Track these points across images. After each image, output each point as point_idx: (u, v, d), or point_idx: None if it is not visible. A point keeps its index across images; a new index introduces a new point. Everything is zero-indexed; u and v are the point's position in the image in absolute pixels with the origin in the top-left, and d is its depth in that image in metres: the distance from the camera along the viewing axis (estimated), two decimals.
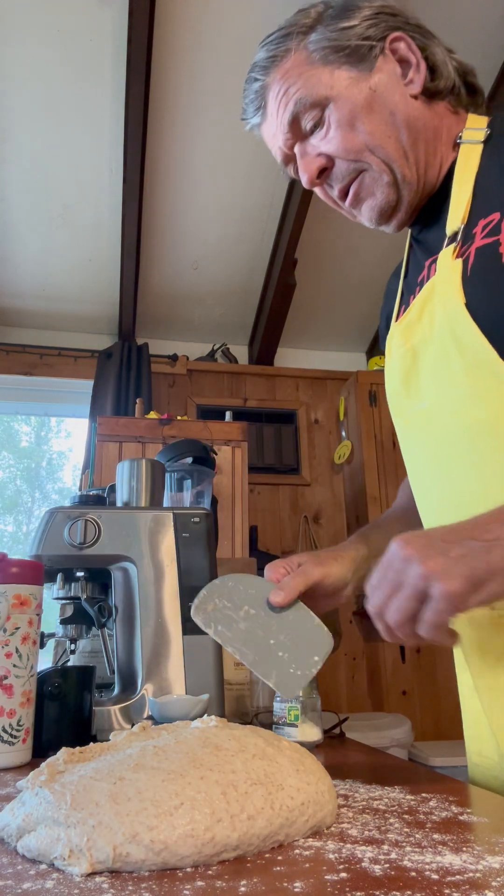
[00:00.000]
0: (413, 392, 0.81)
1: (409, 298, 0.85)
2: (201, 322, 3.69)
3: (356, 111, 0.78)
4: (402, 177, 0.80)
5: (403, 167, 0.79)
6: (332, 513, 3.60)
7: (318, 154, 0.81)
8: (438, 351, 0.75)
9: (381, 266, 3.54)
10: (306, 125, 0.81)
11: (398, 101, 0.79)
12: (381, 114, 0.78)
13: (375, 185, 0.81)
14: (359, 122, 0.78)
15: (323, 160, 0.81)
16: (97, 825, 0.45)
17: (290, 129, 0.82)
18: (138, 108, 2.64)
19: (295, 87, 0.80)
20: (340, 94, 0.79)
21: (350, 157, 0.80)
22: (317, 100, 0.80)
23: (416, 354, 0.79)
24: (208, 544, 1.15)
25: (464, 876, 0.42)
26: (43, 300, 3.46)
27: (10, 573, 0.87)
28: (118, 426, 2.58)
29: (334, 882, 0.41)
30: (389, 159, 0.79)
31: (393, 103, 0.79)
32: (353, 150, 0.79)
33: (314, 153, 0.82)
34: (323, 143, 0.81)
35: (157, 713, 1.00)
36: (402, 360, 0.82)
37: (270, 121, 0.85)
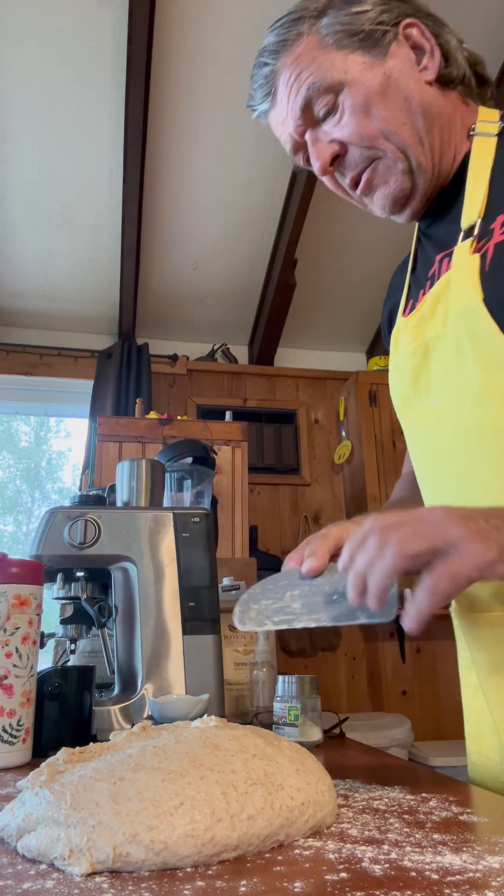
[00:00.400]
0: (422, 389, 0.80)
1: (418, 293, 0.84)
2: (201, 322, 3.69)
3: (371, 97, 0.76)
4: (417, 164, 0.78)
5: (419, 154, 0.78)
6: (332, 513, 3.60)
7: (331, 141, 0.79)
8: (451, 347, 0.73)
9: (382, 266, 3.54)
10: (319, 111, 0.79)
11: (413, 87, 0.77)
12: (396, 100, 0.77)
13: (389, 173, 0.79)
14: (374, 108, 0.76)
15: (336, 147, 0.79)
16: (97, 825, 0.45)
17: (302, 115, 0.80)
18: (138, 108, 2.64)
19: (307, 71, 0.78)
20: (355, 79, 0.77)
21: (364, 143, 0.78)
22: (330, 84, 0.77)
23: (427, 351, 0.78)
24: (208, 544, 1.15)
25: (464, 876, 0.42)
26: (43, 300, 3.46)
27: (10, 573, 0.87)
28: (118, 426, 2.58)
29: (334, 882, 0.41)
30: (405, 146, 0.77)
31: (408, 89, 0.77)
32: (367, 137, 0.77)
33: (326, 140, 0.80)
34: (336, 130, 0.79)
35: (157, 713, 1.00)
36: (412, 356, 0.80)
37: (280, 107, 0.82)
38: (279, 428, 3.64)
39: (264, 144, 2.91)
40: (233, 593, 1.54)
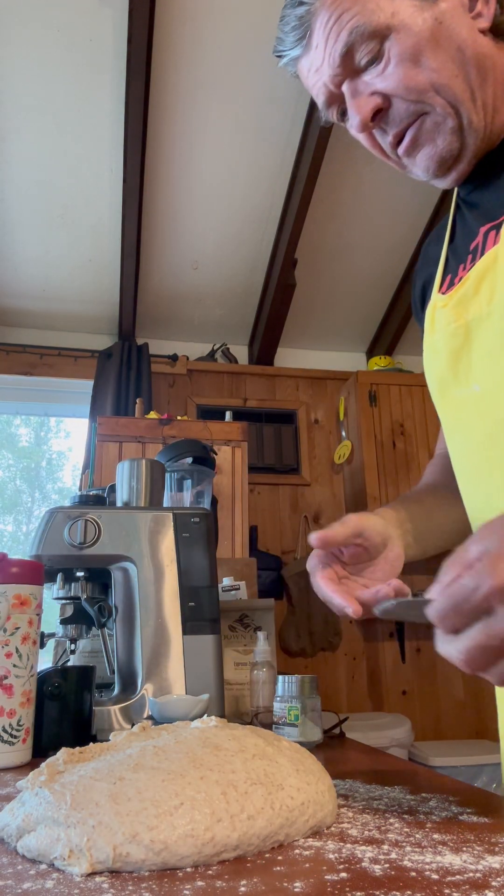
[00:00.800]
0: (462, 374, 0.73)
1: (458, 268, 0.77)
2: (201, 322, 3.69)
3: (421, 44, 0.68)
4: (468, 121, 0.70)
5: (471, 110, 0.70)
6: (332, 513, 3.60)
7: (373, 93, 0.71)
8: (497, 330, 0.68)
9: (382, 266, 3.54)
10: (361, 59, 0.70)
11: (466, 35, 0.69)
12: (447, 49, 0.69)
13: (437, 131, 0.71)
14: (423, 57, 0.68)
15: (378, 100, 0.71)
16: (97, 825, 0.45)
17: (342, 62, 0.71)
18: (138, 109, 2.64)
19: (350, 13, 0.69)
20: (403, 23, 0.68)
21: (411, 96, 0.69)
22: (376, 29, 0.69)
23: (468, 332, 0.72)
24: (208, 544, 1.15)
25: (464, 876, 0.42)
26: (43, 300, 3.46)
27: (10, 573, 0.87)
28: (118, 426, 2.58)
29: (334, 882, 0.41)
30: (457, 101, 0.69)
31: (460, 37, 0.69)
32: (415, 89, 0.69)
33: (368, 91, 0.71)
34: (379, 80, 0.70)
35: (157, 713, 1.00)
36: (452, 337, 0.74)
37: (315, 53, 0.73)
38: (279, 428, 3.64)
39: (265, 144, 2.91)
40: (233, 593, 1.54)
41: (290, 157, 2.96)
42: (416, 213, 3.27)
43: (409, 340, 3.88)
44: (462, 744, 2.97)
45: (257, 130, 2.85)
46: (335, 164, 2.96)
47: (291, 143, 2.91)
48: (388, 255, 3.47)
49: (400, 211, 3.23)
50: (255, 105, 2.74)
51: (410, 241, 3.41)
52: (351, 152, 2.94)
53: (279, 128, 2.84)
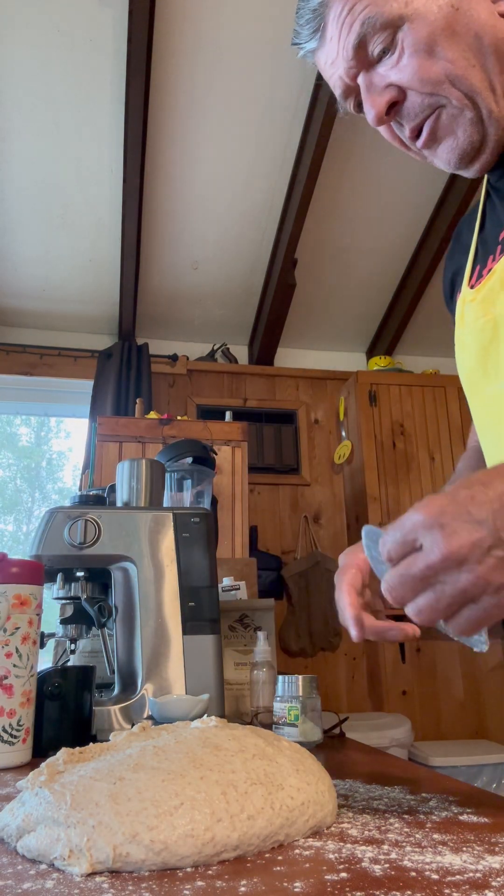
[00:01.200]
0: (491, 370, 0.72)
1: (487, 259, 0.75)
2: (201, 322, 3.69)
3: (435, 33, 0.66)
4: (488, 112, 0.67)
5: (490, 101, 0.67)
6: (332, 513, 3.60)
7: (388, 85, 0.69)
8: None
9: (382, 266, 3.54)
10: (374, 50, 0.68)
11: (485, 20, 0.66)
12: (464, 37, 0.66)
13: (456, 123, 0.68)
14: (438, 47, 0.66)
15: (393, 92, 0.69)
16: (97, 825, 0.45)
17: (355, 54, 0.69)
18: (138, 108, 2.64)
19: (362, 3, 0.67)
20: (417, 12, 0.66)
21: (426, 89, 0.67)
22: (389, 19, 0.67)
23: (496, 327, 0.70)
24: (208, 544, 1.15)
25: (464, 876, 0.42)
26: (43, 300, 3.46)
27: (10, 573, 0.87)
28: (118, 426, 2.58)
29: (334, 882, 0.41)
30: (473, 92, 0.67)
31: (479, 23, 0.66)
32: (430, 81, 0.67)
33: (382, 84, 0.69)
34: (393, 72, 0.68)
35: (157, 713, 1.00)
36: (481, 333, 0.72)
37: (330, 46, 0.71)
38: (279, 428, 3.64)
39: (265, 144, 2.91)
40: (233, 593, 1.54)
41: (290, 157, 2.96)
42: (417, 213, 3.27)
43: (409, 340, 3.89)
44: (462, 744, 2.97)
45: (257, 130, 2.85)
46: (335, 164, 2.96)
47: (291, 143, 2.91)
48: (388, 255, 3.47)
49: (400, 210, 3.23)
50: (255, 105, 2.74)
51: (410, 241, 3.41)
52: (351, 152, 2.94)
53: (279, 128, 2.84)
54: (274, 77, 2.61)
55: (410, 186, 3.11)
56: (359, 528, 3.40)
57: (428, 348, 3.93)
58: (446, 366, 3.77)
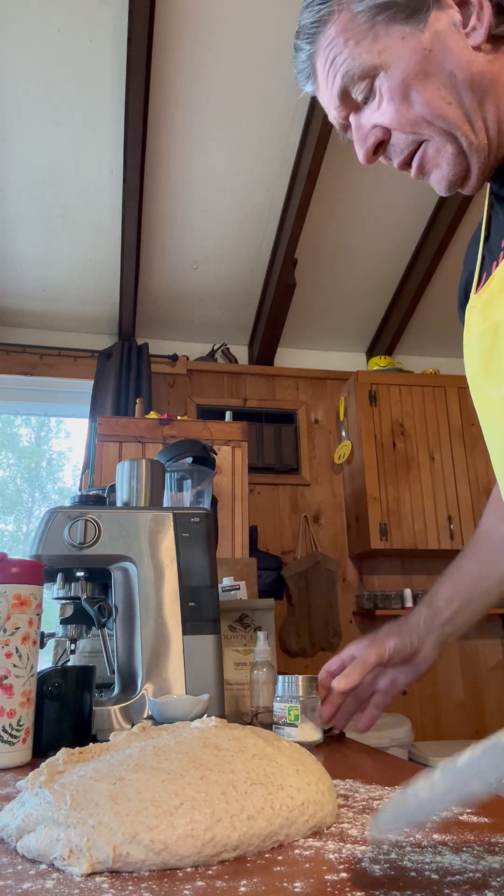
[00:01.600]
0: (494, 375, 0.73)
1: (492, 266, 0.77)
2: (201, 322, 3.69)
3: (409, 80, 0.69)
4: (468, 144, 0.70)
5: (469, 134, 0.70)
6: (332, 513, 3.60)
7: (374, 126, 0.73)
8: None
9: (382, 266, 3.54)
10: (357, 97, 0.73)
11: (459, 57, 0.69)
12: (438, 77, 0.69)
13: (440, 156, 0.72)
14: (412, 91, 0.69)
15: (379, 133, 0.73)
16: (97, 825, 0.45)
17: (342, 102, 0.74)
18: (138, 108, 2.64)
19: (341, 57, 0.72)
20: (390, 62, 0.70)
21: (407, 129, 0.71)
22: (364, 71, 0.71)
23: (497, 332, 0.71)
24: (208, 544, 1.15)
25: (464, 876, 0.42)
26: (43, 300, 3.46)
27: (10, 573, 0.87)
28: (118, 426, 2.58)
29: (334, 882, 0.41)
30: (452, 128, 0.70)
31: (453, 61, 0.69)
32: (409, 122, 0.71)
33: (369, 125, 0.74)
34: (377, 115, 0.73)
35: (157, 713, 1.00)
36: (482, 338, 0.74)
37: (322, 91, 0.77)
38: (279, 428, 3.64)
39: (265, 144, 2.91)
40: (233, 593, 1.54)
41: (290, 157, 2.96)
42: (417, 214, 3.27)
43: (409, 340, 3.89)
44: (462, 744, 2.96)
45: (257, 130, 2.85)
46: (335, 164, 2.96)
47: (291, 143, 2.91)
48: (388, 255, 3.47)
49: (400, 211, 3.23)
50: (255, 105, 2.74)
51: (410, 242, 3.41)
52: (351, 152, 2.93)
53: (279, 128, 2.84)
54: (274, 77, 2.61)
55: (410, 187, 3.11)
56: (359, 528, 3.41)
57: (428, 348, 3.93)
58: (446, 366, 3.77)
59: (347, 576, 3.52)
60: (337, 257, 3.46)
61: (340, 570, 3.50)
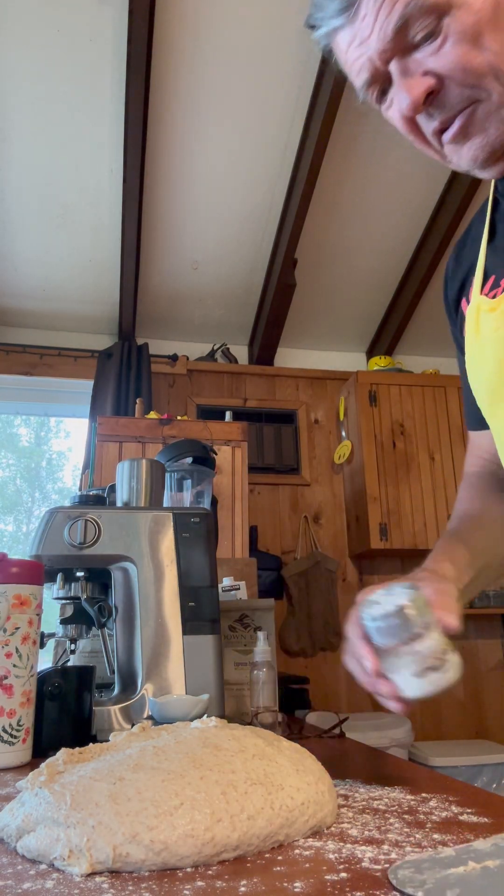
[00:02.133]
0: None
1: (501, 269, 0.74)
2: (201, 322, 3.69)
3: (483, 23, 0.63)
4: None
5: None
6: (332, 513, 3.60)
7: (426, 73, 0.65)
8: None
9: (381, 266, 3.54)
10: (416, 34, 0.65)
11: None
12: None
13: (490, 120, 0.66)
14: (484, 38, 0.63)
15: (432, 81, 0.65)
16: (97, 825, 0.45)
17: (395, 37, 0.65)
18: (138, 108, 2.64)
19: None
20: (464, 1, 0.63)
21: (469, 80, 0.64)
22: (436, 3, 0.63)
23: None
24: (208, 544, 1.15)
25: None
26: (43, 300, 3.46)
27: (10, 573, 0.87)
28: (118, 426, 2.58)
29: (334, 882, 0.41)
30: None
31: None
32: (473, 72, 0.64)
33: (420, 71, 0.66)
34: (434, 60, 0.65)
35: (157, 713, 1.00)
36: (500, 343, 0.71)
37: (363, 24, 0.66)
38: (279, 428, 3.64)
39: (265, 144, 2.91)
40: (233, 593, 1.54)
41: (290, 157, 2.96)
42: (417, 214, 3.27)
43: (409, 340, 3.88)
44: (462, 744, 2.97)
45: (257, 130, 2.85)
46: (335, 164, 2.96)
47: (291, 143, 2.90)
48: (389, 254, 3.47)
49: (400, 211, 3.23)
50: (256, 105, 2.74)
51: (410, 241, 3.41)
52: (351, 152, 2.94)
53: (279, 128, 2.84)
54: (274, 77, 2.61)
55: (410, 186, 3.11)
56: (359, 528, 3.41)
57: (428, 348, 3.93)
58: (446, 366, 3.77)
59: (347, 576, 3.52)
60: (337, 257, 3.46)
61: (340, 570, 3.50)
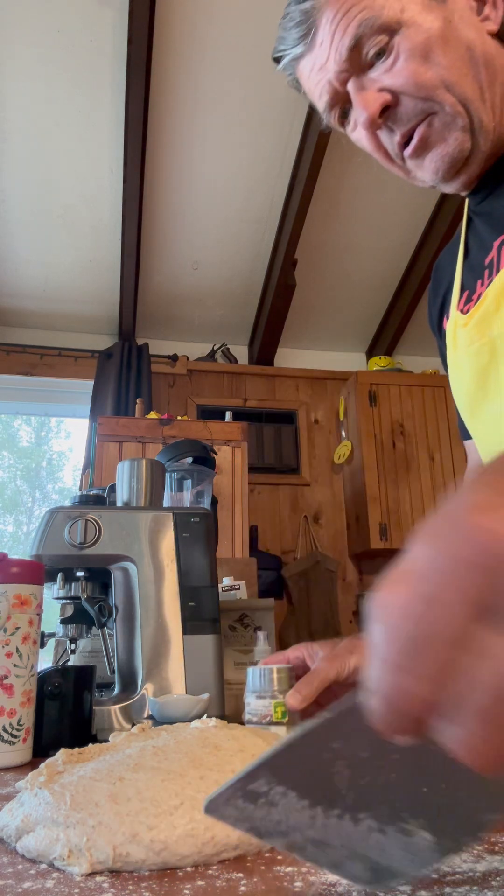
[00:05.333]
0: (492, 391, 0.73)
1: (475, 283, 0.76)
2: (201, 322, 3.69)
3: (431, 40, 0.67)
4: (479, 121, 0.68)
5: (480, 110, 0.68)
6: (332, 513, 3.60)
7: (381, 89, 0.68)
8: None
9: (381, 266, 3.54)
10: (369, 52, 0.68)
11: (474, 35, 0.68)
12: (457, 47, 0.67)
13: (447, 130, 0.68)
14: (433, 53, 0.67)
15: (387, 96, 0.68)
16: (97, 825, 0.45)
17: (349, 57, 0.69)
18: (138, 108, 2.64)
19: (358, 6, 0.68)
20: (413, 20, 0.67)
21: (421, 93, 0.67)
22: (386, 22, 0.67)
23: (494, 349, 0.71)
24: (208, 544, 1.15)
25: (464, 876, 0.42)
26: (43, 300, 3.47)
27: (11, 573, 0.87)
28: (118, 426, 2.58)
29: (334, 882, 0.41)
30: (466, 99, 0.67)
31: (469, 37, 0.68)
32: (425, 86, 0.67)
33: (375, 88, 0.69)
34: (387, 77, 0.68)
35: (157, 713, 1.00)
36: (477, 356, 0.73)
37: (320, 50, 0.71)
38: (279, 428, 3.64)
39: (265, 144, 2.91)
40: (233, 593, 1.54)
41: (290, 158, 2.96)
42: (417, 214, 3.27)
43: (409, 340, 3.89)
44: None
45: (257, 130, 2.85)
46: (335, 165, 2.96)
47: (291, 143, 2.91)
48: (388, 255, 3.48)
49: (400, 211, 3.23)
50: (256, 105, 2.74)
51: (410, 242, 3.41)
52: (351, 152, 2.93)
53: (279, 128, 2.85)
54: (274, 77, 2.60)
55: (410, 187, 3.10)
56: (359, 529, 3.41)
57: (428, 348, 3.93)
58: None
59: (347, 576, 3.52)
60: (337, 257, 3.46)
61: (340, 570, 3.50)
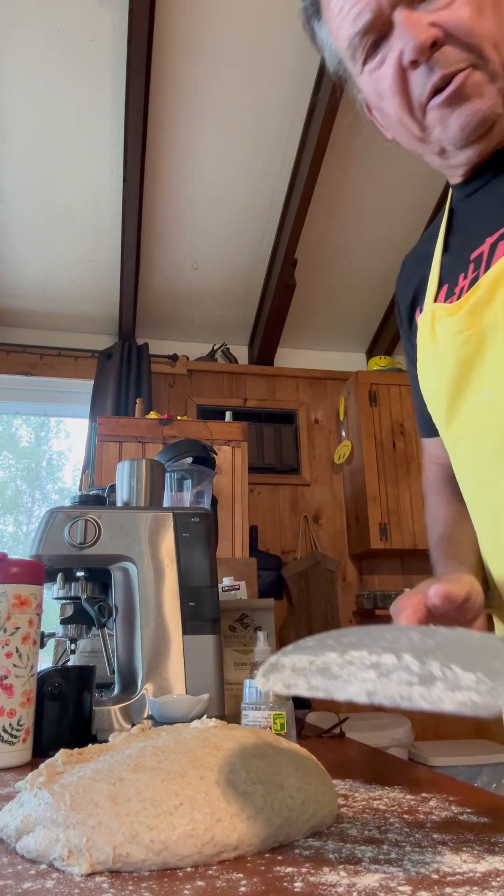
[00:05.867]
0: (475, 381, 0.73)
1: (458, 277, 0.75)
2: (201, 322, 3.69)
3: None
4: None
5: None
6: (332, 513, 3.60)
7: (432, 24, 0.65)
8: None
9: (381, 266, 3.54)
10: None
11: None
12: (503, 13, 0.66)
13: (485, 87, 0.66)
14: (487, 9, 0.66)
15: (439, 31, 0.65)
16: (97, 825, 0.45)
17: None
18: (138, 108, 2.64)
19: None
20: None
21: (472, 40, 0.65)
22: None
23: (482, 340, 0.71)
24: (208, 544, 1.15)
25: (464, 876, 0.42)
26: (43, 300, 3.47)
27: (11, 573, 0.87)
28: (118, 426, 2.58)
29: (334, 882, 0.41)
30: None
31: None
32: (477, 34, 0.65)
33: (426, 21, 0.65)
34: (441, 14, 0.65)
35: (157, 713, 1.00)
36: (463, 346, 0.73)
37: None
38: (279, 428, 3.64)
39: (265, 144, 2.91)
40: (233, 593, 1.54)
41: (290, 158, 2.96)
42: (416, 214, 3.27)
43: None
44: (462, 744, 2.97)
45: (257, 130, 2.85)
46: (335, 164, 2.96)
47: (291, 143, 2.91)
48: (388, 255, 3.47)
49: (400, 211, 3.23)
50: (256, 105, 2.74)
51: (410, 241, 3.39)
52: (351, 152, 2.94)
53: (279, 127, 2.84)
54: (274, 77, 2.61)
55: (410, 186, 3.11)
56: (359, 528, 3.40)
57: None
58: None
59: (347, 576, 3.52)
60: (337, 257, 3.46)
61: (340, 570, 3.50)
